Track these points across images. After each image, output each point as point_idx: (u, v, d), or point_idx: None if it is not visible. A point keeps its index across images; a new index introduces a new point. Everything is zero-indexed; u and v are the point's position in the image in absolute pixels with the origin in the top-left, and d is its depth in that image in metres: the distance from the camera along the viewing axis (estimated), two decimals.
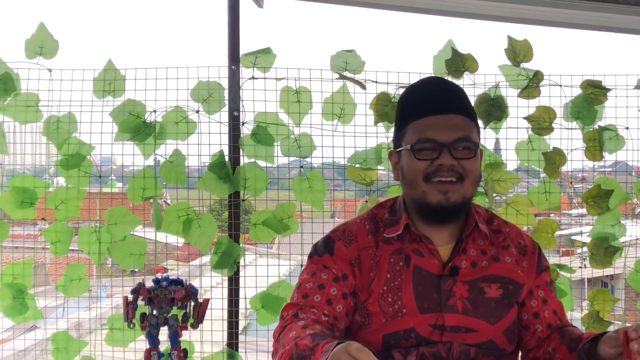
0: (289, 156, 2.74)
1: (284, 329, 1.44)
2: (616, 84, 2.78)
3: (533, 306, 1.58)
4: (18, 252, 3.23)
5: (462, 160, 1.48)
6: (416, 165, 1.50)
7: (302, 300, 1.51)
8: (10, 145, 2.89)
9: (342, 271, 1.53)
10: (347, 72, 2.69)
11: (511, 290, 1.54)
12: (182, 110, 2.66)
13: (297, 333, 1.37)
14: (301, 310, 1.49)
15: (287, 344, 1.36)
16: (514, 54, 2.68)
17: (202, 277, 3.05)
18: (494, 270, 1.55)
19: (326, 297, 1.51)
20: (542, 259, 1.62)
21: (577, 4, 2.77)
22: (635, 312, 3.80)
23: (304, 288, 1.54)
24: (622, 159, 2.91)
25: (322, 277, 1.53)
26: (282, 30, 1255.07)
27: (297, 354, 1.31)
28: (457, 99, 1.55)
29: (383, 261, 1.53)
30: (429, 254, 1.54)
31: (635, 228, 3.15)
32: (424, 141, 1.49)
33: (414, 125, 1.52)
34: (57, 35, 2.66)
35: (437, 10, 3.06)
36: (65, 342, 2.72)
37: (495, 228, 1.61)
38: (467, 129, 1.51)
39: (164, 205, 2.91)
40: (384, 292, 1.51)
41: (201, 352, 2.65)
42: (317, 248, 1.60)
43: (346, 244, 1.56)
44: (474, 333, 1.50)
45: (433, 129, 1.49)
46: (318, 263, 1.56)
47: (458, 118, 1.51)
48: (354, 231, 1.58)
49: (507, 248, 1.58)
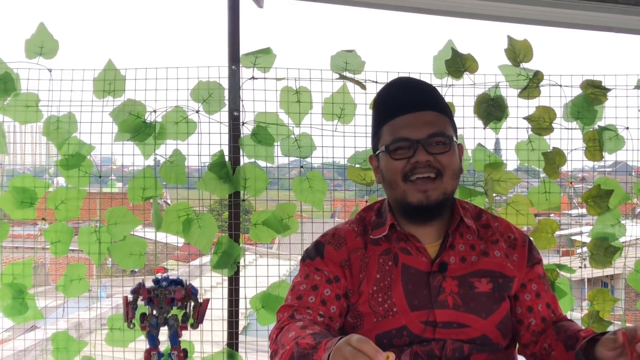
0: (289, 156, 2.74)
1: (281, 330, 1.45)
2: (616, 84, 2.78)
3: (526, 300, 1.59)
4: (18, 252, 3.23)
5: (437, 155, 1.50)
6: (393, 165, 1.52)
7: (296, 302, 1.53)
8: (10, 145, 2.89)
9: (333, 273, 1.55)
10: (347, 72, 2.69)
11: (501, 283, 1.55)
12: (182, 110, 2.66)
13: (296, 333, 1.38)
14: (297, 312, 1.50)
15: (287, 344, 1.36)
16: (514, 54, 2.68)
17: (202, 277, 3.05)
18: (484, 264, 1.56)
19: (320, 297, 1.52)
20: (533, 252, 1.63)
21: (577, 4, 2.77)
22: (635, 312, 3.80)
23: (297, 290, 1.55)
24: (622, 159, 2.91)
25: (315, 278, 1.55)
26: (282, 30, 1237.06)
27: (299, 353, 1.31)
28: (428, 95, 1.57)
29: (372, 262, 1.55)
30: (416, 252, 1.55)
31: (635, 228, 3.15)
32: (398, 140, 1.51)
33: (388, 126, 1.54)
34: (57, 35, 2.66)
35: (437, 10, 3.06)
36: (65, 342, 2.72)
37: (483, 223, 1.62)
38: (440, 124, 1.52)
39: (164, 205, 2.91)
40: (373, 292, 1.53)
41: (201, 352, 2.65)
42: (308, 252, 1.62)
43: (336, 247, 1.58)
44: (466, 328, 1.50)
45: (406, 127, 1.51)
46: (310, 266, 1.58)
47: (430, 114, 1.53)
48: (343, 234, 1.60)
49: (496, 242, 1.59)
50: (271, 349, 1.47)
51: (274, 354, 1.43)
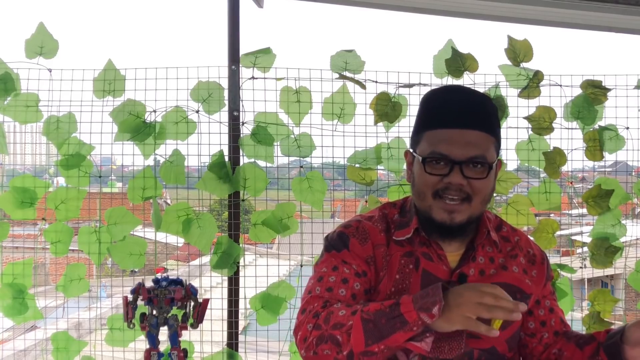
0: (288, 156, 2.74)
1: (318, 317, 1.37)
2: (616, 84, 2.78)
3: (540, 315, 1.58)
4: (18, 252, 3.23)
5: (472, 180, 1.44)
6: (426, 179, 1.46)
7: (327, 294, 1.46)
8: (10, 145, 2.89)
9: (361, 267, 1.50)
10: (347, 72, 2.69)
11: (518, 299, 1.50)
12: (182, 110, 2.66)
13: (349, 310, 1.33)
14: (329, 303, 1.43)
15: (345, 322, 1.31)
16: (514, 54, 2.68)
17: (202, 277, 3.05)
18: (502, 278, 1.53)
19: (351, 291, 1.46)
20: (549, 270, 1.62)
21: (577, 4, 2.77)
22: (635, 312, 3.80)
23: (326, 281, 1.48)
24: (622, 159, 2.91)
25: (345, 271, 1.49)
26: (282, 30, 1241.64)
27: (377, 315, 1.29)
28: (479, 113, 1.48)
29: (394, 261, 1.52)
30: (437, 259, 1.52)
31: (636, 228, 3.15)
32: (436, 155, 1.45)
33: (430, 134, 1.47)
34: (57, 35, 2.66)
35: (437, 10, 3.06)
36: (65, 342, 2.72)
37: (504, 235, 1.60)
38: (483, 147, 1.45)
39: (164, 205, 2.91)
40: (391, 292, 1.49)
41: (201, 352, 2.65)
42: (333, 242, 1.54)
43: (361, 241, 1.53)
44: (477, 339, 1.49)
45: (448, 143, 1.44)
46: (337, 257, 1.52)
47: (476, 134, 1.45)
48: (367, 229, 1.55)
49: (516, 257, 1.57)
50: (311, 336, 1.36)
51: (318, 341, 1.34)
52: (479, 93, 1.58)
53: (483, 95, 1.58)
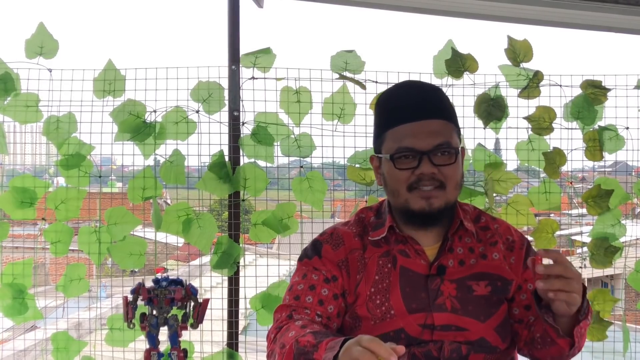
0: (289, 156, 2.74)
1: (280, 330, 1.44)
2: (616, 84, 2.78)
3: (523, 300, 1.58)
4: (18, 252, 3.23)
5: (442, 167, 1.48)
6: (397, 175, 1.50)
7: (294, 302, 1.52)
8: (10, 145, 2.89)
9: (331, 272, 1.54)
10: (347, 72, 2.69)
11: (500, 287, 1.55)
12: (182, 110, 2.66)
13: (296, 332, 1.37)
14: (295, 312, 1.49)
15: (287, 343, 1.36)
16: (514, 54, 2.68)
17: (202, 277, 3.05)
18: (482, 267, 1.55)
19: (318, 297, 1.51)
20: (530, 254, 1.61)
21: (577, 4, 2.77)
22: (635, 312, 3.80)
23: (295, 290, 1.54)
24: (622, 159, 2.92)
25: (313, 278, 1.54)
26: (282, 30, 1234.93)
27: (299, 351, 1.31)
28: (435, 102, 1.53)
29: (371, 263, 1.55)
30: (415, 254, 1.54)
31: (636, 228, 3.15)
32: (403, 150, 1.49)
33: (392, 132, 1.51)
34: (57, 35, 2.66)
35: (437, 10, 3.07)
36: (65, 342, 2.72)
37: (483, 225, 1.62)
38: (446, 134, 1.50)
39: (164, 205, 2.91)
40: (371, 293, 1.52)
41: (201, 352, 2.65)
42: (306, 251, 1.61)
43: (334, 247, 1.57)
44: (464, 331, 1.50)
45: (411, 136, 1.48)
46: (308, 265, 1.57)
47: (436, 123, 1.50)
48: (341, 234, 1.59)
49: (495, 244, 1.59)
50: (268, 348, 1.46)
51: (271, 354, 1.42)
52: (430, 84, 1.65)
53: (434, 85, 1.66)
